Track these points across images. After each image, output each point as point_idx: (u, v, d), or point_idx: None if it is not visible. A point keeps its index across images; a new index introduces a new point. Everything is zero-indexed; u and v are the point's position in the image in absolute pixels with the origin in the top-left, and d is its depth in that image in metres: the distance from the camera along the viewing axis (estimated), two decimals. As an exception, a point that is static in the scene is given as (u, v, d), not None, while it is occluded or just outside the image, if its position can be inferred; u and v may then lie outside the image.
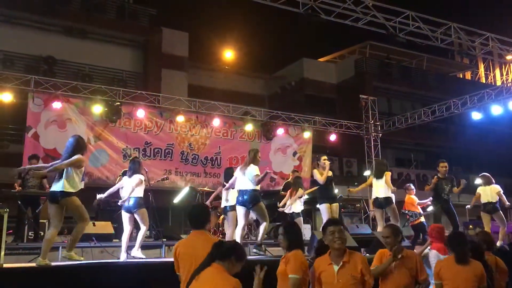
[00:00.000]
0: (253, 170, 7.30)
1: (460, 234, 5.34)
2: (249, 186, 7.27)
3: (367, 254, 8.03)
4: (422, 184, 17.57)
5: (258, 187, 7.40)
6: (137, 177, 7.49)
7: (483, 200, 9.58)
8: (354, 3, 11.35)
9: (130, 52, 17.85)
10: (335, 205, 8.70)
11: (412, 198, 11.27)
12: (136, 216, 7.45)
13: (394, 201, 8.88)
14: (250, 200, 7.26)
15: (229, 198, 8.29)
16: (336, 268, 3.93)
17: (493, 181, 9.62)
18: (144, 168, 10.48)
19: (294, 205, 9.43)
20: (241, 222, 7.43)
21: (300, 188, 9.54)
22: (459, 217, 9.47)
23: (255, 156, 7.49)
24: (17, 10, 15.30)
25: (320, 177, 8.61)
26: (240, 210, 7.39)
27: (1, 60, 15.05)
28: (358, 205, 13.99)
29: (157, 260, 7.79)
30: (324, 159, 8.74)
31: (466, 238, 5.05)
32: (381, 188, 8.82)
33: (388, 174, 8.85)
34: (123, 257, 7.32)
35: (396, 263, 4.45)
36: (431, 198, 9.92)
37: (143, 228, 7.43)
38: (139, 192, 7.44)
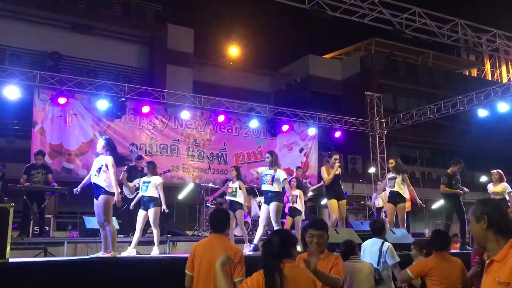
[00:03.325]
0: None
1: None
2: None
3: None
4: (427, 182, 17.59)
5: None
6: None
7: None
8: (360, -1, 11.29)
9: (135, 48, 17.85)
10: (342, 202, 8.57)
11: None
12: None
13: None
14: None
15: None
16: None
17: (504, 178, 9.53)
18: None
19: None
20: None
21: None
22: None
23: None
24: (24, 6, 15.32)
25: (326, 177, 8.42)
26: None
27: (7, 55, 15.10)
28: (363, 202, 13.96)
29: (162, 256, 7.79)
30: (336, 158, 8.47)
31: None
32: None
33: None
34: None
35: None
36: None
37: None
38: None
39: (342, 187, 8.90)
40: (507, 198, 9.13)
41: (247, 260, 3.98)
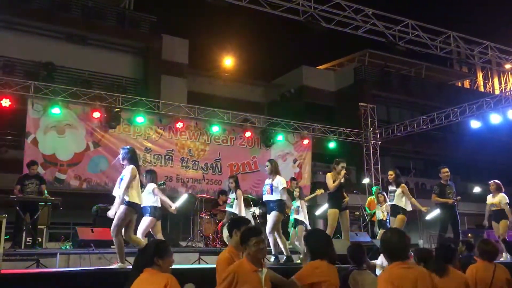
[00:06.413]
0: None
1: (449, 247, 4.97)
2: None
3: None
4: (421, 192, 17.60)
5: None
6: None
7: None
8: (354, 11, 11.38)
9: (130, 58, 17.88)
10: (345, 213, 8.24)
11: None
12: None
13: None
14: None
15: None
16: (262, 275, 3.87)
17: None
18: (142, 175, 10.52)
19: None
20: None
21: None
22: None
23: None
24: (18, 16, 15.32)
25: (331, 184, 8.06)
26: None
27: (1, 65, 15.04)
28: (357, 213, 13.93)
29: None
30: (343, 166, 8.17)
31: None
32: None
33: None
34: None
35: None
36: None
37: None
38: None
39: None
40: (505, 209, 9.15)
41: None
